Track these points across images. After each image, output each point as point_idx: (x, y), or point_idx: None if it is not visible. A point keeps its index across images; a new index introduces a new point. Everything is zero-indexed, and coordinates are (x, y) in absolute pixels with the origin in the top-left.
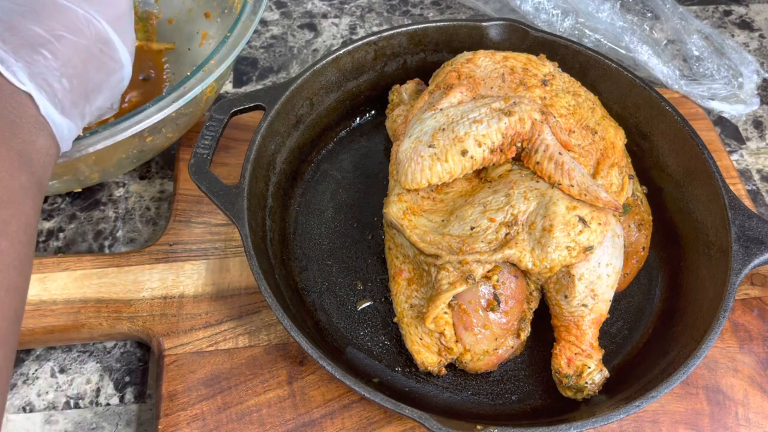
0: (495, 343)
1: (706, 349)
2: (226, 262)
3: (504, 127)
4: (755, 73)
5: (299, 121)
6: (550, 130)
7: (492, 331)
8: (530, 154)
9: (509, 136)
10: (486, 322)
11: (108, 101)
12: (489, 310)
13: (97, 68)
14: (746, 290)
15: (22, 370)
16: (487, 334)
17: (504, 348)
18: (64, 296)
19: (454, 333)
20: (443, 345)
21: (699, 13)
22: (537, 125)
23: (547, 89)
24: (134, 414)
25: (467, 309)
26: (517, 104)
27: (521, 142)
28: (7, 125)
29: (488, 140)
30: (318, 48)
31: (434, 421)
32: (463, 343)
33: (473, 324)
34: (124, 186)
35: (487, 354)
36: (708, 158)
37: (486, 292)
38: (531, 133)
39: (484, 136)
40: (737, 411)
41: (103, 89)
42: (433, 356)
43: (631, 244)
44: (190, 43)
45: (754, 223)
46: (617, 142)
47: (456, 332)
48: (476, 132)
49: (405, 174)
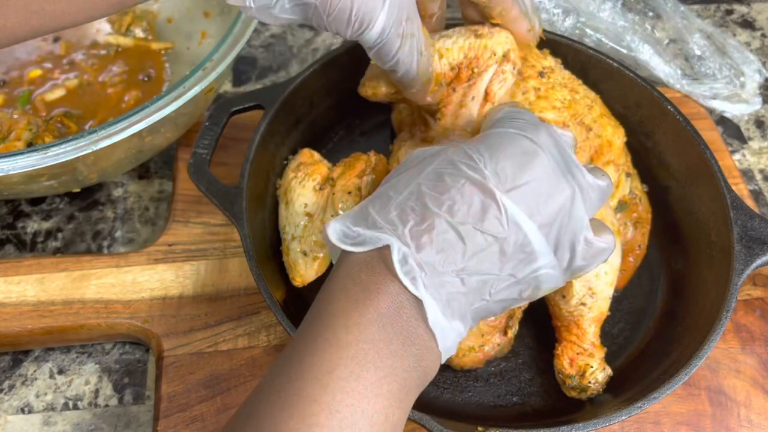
0: (481, 339)
1: (708, 350)
2: (225, 263)
3: (467, 46)
4: (757, 72)
5: (299, 121)
6: (501, 76)
7: (479, 327)
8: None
9: (468, 58)
10: None
11: (515, 294)
12: None
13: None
14: (748, 291)
15: (20, 371)
16: (474, 330)
17: (490, 345)
18: (62, 297)
19: None
20: None
21: (701, 13)
22: (496, 59)
23: (543, 81)
24: (133, 415)
25: None
26: (490, 33)
27: (474, 68)
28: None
29: (450, 55)
30: (318, 47)
31: (435, 423)
32: None
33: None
34: (122, 186)
35: (472, 350)
36: (710, 158)
37: None
38: (485, 66)
39: (448, 50)
40: (739, 412)
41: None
42: None
43: (627, 241)
44: (190, 42)
45: (756, 224)
46: (614, 140)
47: None
48: (441, 45)
49: None
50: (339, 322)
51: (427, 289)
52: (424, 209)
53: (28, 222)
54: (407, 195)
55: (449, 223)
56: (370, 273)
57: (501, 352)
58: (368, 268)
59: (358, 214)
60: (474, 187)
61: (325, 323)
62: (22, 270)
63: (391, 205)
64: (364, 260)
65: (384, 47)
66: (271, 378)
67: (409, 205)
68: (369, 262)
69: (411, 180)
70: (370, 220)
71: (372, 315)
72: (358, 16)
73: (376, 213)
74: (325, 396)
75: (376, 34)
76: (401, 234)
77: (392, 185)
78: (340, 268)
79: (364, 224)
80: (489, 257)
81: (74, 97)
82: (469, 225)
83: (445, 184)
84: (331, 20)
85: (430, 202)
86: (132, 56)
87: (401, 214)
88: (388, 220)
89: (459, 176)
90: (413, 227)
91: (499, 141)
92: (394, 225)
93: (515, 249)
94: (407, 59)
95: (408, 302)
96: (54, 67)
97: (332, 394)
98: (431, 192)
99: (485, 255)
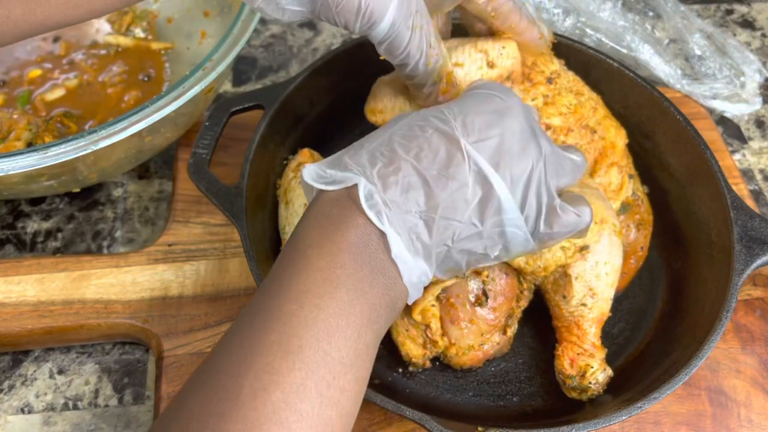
0: (481, 338)
1: (708, 350)
2: (225, 263)
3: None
4: (757, 72)
5: (299, 121)
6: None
7: (478, 326)
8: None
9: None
10: (473, 317)
11: (480, 248)
12: (477, 305)
13: (462, 212)
14: (749, 291)
15: (20, 372)
16: (474, 329)
17: (490, 344)
18: (62, 297)
19: (441, 326)
20: (429, 338)
21: (701, 12)
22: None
23: (551, 87)
24: (133, 415)
25: (455, 303)
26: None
27: None
28: (369, 273)
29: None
30: (318, 47)
31: (435, 423)
32: (448, 336)
33: (460, 318)
34: (122, 186)
35: (472, 349)
36: (710, 158)
37: (475, 287)
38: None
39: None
40: (739, 412)
41: (473, 236)
42: (419, 349)
43: (629, 243)
44: (190, 42)
45: (756, 224)
46: (617, 142)
47: (442, 325)
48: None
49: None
50: (312, 251)
51: (392, 224)
52: (393, 154)
53: (28, 222)
54: (379, 143)
55: (415, 167)
56: (340, 209)
57: (500, 351)
58: (338, 204)
59: (333, 160)
60: (441, 137)
61: (301, 253)
62: (22, 270)
63: (363, 151)
64: (335, 198)
65: (395, 40)
66: (253, 303)
67: (379, 151)
68: (338, 199)
69: (384, 132)
70: (342, 164)
71: (342, 245)
72: (368, 6)
73: (349, 158)
74: (302, 311)
75: (386, 26)
76: (369, 174)
77: (367, 137)
78: (313, 207)
79: (336, 168)
80: (452, 203)
81: (74, 97)
82: (434, 171)
83: (414, 134)
84: (340, 11)
85: (398, 148)
86: (132, 56)
87: (371, 158)
88: (359, 163)
89: (428, 127)
90: (381, 168)
91: (472, 100)
92: (363, 167)
93: (479, 199)
94: (417, 52)
95: (375, 235)
96: (54, 67)
97: (308, 309)
98: (401, 140)
99: (449, 200)
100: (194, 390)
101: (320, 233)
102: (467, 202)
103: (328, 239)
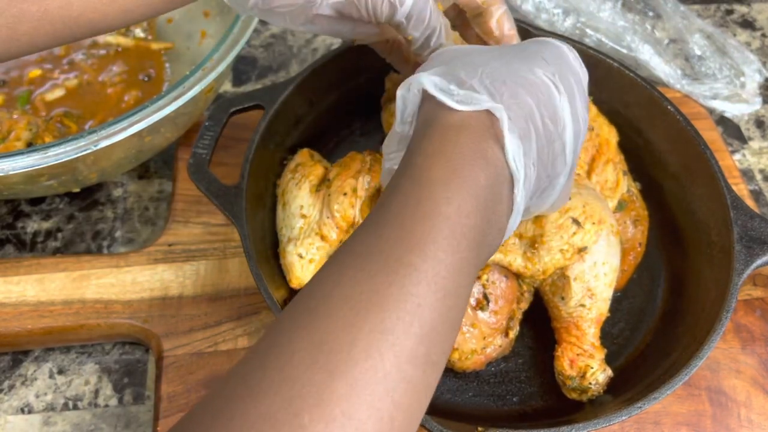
0: (483, 342)
1: (708, 350)
2: (225, 263)
3: None
4: (757, 72)
5: (299, 121)
6: None
7: (480, 330)
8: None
9: None
10: (475, 321)
11: (548, 201)
12: (478, 309)
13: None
14: (749, 291)
15: (20, 372)
16: (476, 333)
17: (492, 347)
18: (62, 297)
19: None
20: None
21: (701, 12)
22: None
23: None
24: (133, 415)
25: None
26: None
27: None
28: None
29: None
30: (318, 47)
31: (435, 423)
32: None
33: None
34: (122, 186)
35: (475, 353)
36: (710, 158)
37: (476, 291)
38: None
39: None
40: (740, 412)
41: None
42: None
43: (627, 240)
44: (190, 42)
45: (756, 224)
46: (611, 139)
47: None
48: None
49: None
50: (439, 192)
51: (520, 168)
52: (517, 86)
53: (27, 222)
54: (494, 68)
55: (536, 107)
56: (469, 137)
57: (502, 353)
58: (469, 132)
59: (446, 72)
60: (551, 85)
61: (427, 192)
62: (22, 270)
63: (481, 72)
64: (463, 123)
65: (420, 15)
66: (362, 241)
67: (500, 79)
68: (469, 126)
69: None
70: (459, 80)
71: (472, 188)
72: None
73: (468, 76)
74: (424, 266)
75: (410, 4)
76: (506, 104)
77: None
78: (431, 129)
79: (456, 84)
80: (550, 153)
81: (74, 97)
82: (546, 117)
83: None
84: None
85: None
86: (132, 56)
87: (495, 83)
88: (485, 86)
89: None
90: (508, 99)
91: (550, 52)
92: (492, 93)
93: (560, 151)
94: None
95: (504, 177)
96: (54, 67)
97: (431, 264)
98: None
99: (549, 150)
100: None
101: (446, 166)
102: (555, 156)
103: (456, 175)
